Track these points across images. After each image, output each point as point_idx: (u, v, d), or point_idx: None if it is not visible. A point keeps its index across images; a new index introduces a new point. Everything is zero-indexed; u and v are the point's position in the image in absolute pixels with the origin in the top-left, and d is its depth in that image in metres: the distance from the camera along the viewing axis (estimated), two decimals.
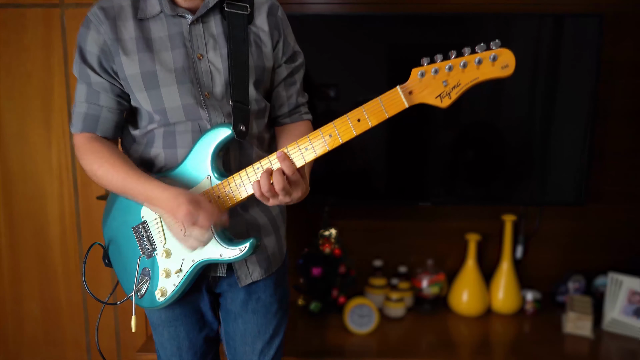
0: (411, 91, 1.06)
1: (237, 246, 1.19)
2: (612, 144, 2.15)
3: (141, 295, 1.29)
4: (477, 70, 1.02)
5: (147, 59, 1.19)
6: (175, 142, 1.24)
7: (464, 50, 1.03)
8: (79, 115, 1.26)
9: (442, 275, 2.20)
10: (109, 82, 1.23)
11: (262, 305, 1.37)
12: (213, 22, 1.23)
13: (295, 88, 1.36)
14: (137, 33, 1.20)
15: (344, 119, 1.10)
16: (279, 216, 1.39)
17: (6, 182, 2.16)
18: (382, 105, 1.07)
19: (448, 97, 1.04)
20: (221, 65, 1.22)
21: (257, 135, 1.29)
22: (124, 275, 1.33)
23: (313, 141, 1.12)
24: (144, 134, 1.27)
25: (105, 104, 1.24)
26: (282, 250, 1.40)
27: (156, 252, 1.26)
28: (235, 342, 1.39)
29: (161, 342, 1.40)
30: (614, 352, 1.94)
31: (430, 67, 1.04)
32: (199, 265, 1.24)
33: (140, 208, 1.27)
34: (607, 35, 2.01)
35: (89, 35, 1.21)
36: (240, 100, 1.22)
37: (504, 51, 1.01)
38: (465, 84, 1.03)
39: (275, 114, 1.36)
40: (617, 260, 2.21)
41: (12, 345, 2.27)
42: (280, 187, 1.11)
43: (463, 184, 2.15)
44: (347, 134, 1.10)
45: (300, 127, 1.36)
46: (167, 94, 1.20)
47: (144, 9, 1.21)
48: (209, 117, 1.21)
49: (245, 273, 1.32)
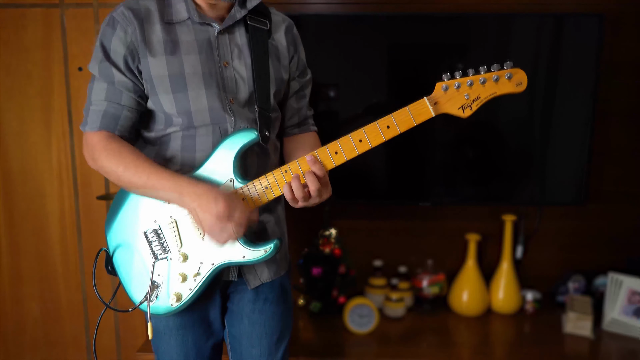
0: (436, 102, 1.19)
1: (262, 247, 1.22)
2: (612, 144, 2.15)
3: (151, 302, 1.27)
4: (495, 86, 1.18)
5: (174, 61, 1.22)
6: (194, 146, 1.25)
7: (480, 69, 1.18)
8: (96, 114, 1.24)
9: (442, 275, 2.20)
10: (133, 82, 1.23)
11: (270, 306, 1.37)
12: (238, 33, 1.28)
13: (305, 101, 1.44)
14: (164, 36, 1.22)
15: (374, 126, 1.20)
16: (284, 220, 1.41)
17: (6, 182, 2.16)
18: (411, 114, 1.19)
19: (469, 108, 1.19)
20: (245, 73, 1.27)
21: (274, 142, 1.35)
22: (132, 281, 1.30)
23: (343, 146, 1.20)
24: (158, 137, 1.28)
25: (127, 103, 1.24)
26: (287, 253, 1.44)
27: (170, 256, 1.25)
28: (241, 345, 1.38)
29: (166, 350, 1.37)
30: (614, 352, 1.94)
31: (452, 82, 1.18)
32: (219, 267, 1.24)
33: (151, 212, 1.26)
34: (607, 35, 2.01)
35: (115, 34, 1.21)
36: (264, 107, 1.28)
37: (518, 71, 1.17)
38: (485, 97, 1.19)
39: (286, 124, 1.42)
40: (617, 260, 2.21)
41: (12, 345, 2.27)
42: (315, 187, 1.19)
43: (463, 184, 2.15)
44: (377, 140, 1.21)
45: (309, 137, 1.44)
46: (195, 96, 1.23)
47: (170, 13, 1.24)
48: (234, 121, 1.25)
49: (253, 275, 1.33)
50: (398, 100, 1.91)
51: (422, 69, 2.02)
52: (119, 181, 1.24)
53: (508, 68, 1.16)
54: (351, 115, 2.06)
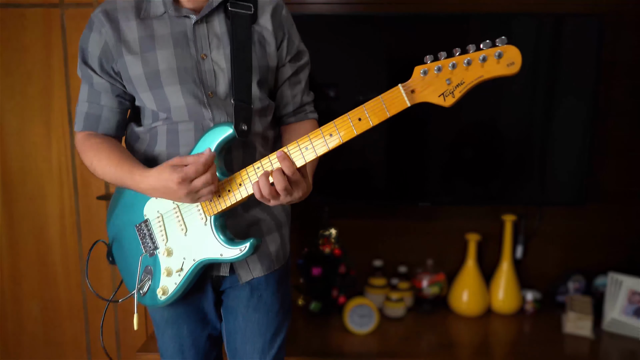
0: (413, 89, 1.03)
1: (238, 246, 1.20)
2: (612, 143, 2.15)
3: (143, 294, 1.29)
4: (481, 68, 0.98)
5: (149, 58, 1.20)
6: (178, 141, 1.25)
7: (468, 47, 0.99)
8: (80, 114, 1.30)
9: (442, 275, 2.20)
10: (110, 83, 1.25)
11: (264, 304, 1.36)
12: (217, 21, 1.23)
13: (300, 87, 1.36)
14: (140, 33, 1.21)
15: (345, 118, 1.08)
16: (282, 215, 1.38)
17: (6, 182, 2.16)
18: (384, 104, 1.05)
19: (452, 95, 1.01)
20: (225, 64, 1.23)
21: (261, 134, 1.29)
22: (127, 273, 1.34)
23: (314, 140, 1.10)
24: (147, 131, 1.28)
25: (106, 103, 1.28)
26: (285, 249, 1.40)
27: (158, 250, 1.27)
28: (236, 341, 1.39)
29: (164, 341, 1.41)
30: (614, 352, 1.94)
31: (433, 64, 1.01)
32: (200, 264, 1.24)
33: (142, 206, 1.28)
34: (607, 35, 2.01)
35: (91, 36, 1.23)
36: (242, 99, 1.22)
37: (509, 48, 0.97)
38: (470, 82, 0.99)
39: (280, 113, 1.37)
40: (617, 260, 2.21)
41: (12, 345, 2.27)
42: (282, 187, 1.10)
43: (463, 184, 2.14)
44: (348, 134, 1.08)
45: (306, 125, 1.37)
46: (171, 93, 1.21)
47: (147, 9, 1.22)
48: (212, 116, 1.22)
49: (245, 270, 1.32)
50: None
51: None
52: (96, 174, 1.27)
53: (501, 45, 0.97)
54: None
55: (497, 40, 0.98)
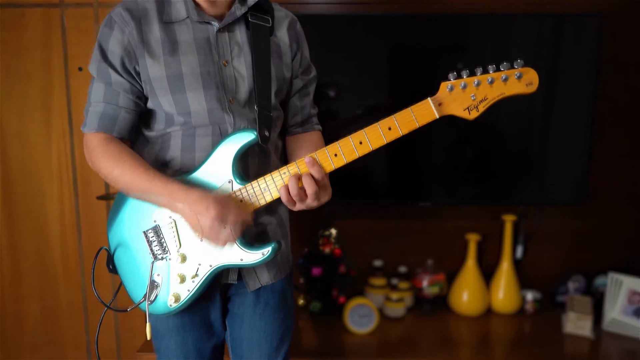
0: (441, 103, 1.13)
1: (259, 250, 1.21)
2: (612, 143, 2.15)
3: (150, 302, 1.26)
4: (503, 86, 1.11)
5: (173, 62, 1.20)
6: (194, 145, 1.24)
7: (488, 67, 1.11)
8: (95, 115, 1.24)
9: (442, 275, 2.20)
10: (130, 83, 1.23)
11: (270, 311, 1.36)
12: (238, 31, 1.26)
13: (308, 99, 1.41)
14: (162, 36, 1.21)
15: (375, 127, 1.16)
16: (287, 222, 1.39)
17: (6, 181, 2.16)
18: (413, 115, 1.14)
19: (476, 109, 1.13)
20: (245, 72, 1.25)
21: (275, 142, 1.33)
22: (132, 280, 1.30)
23: (343, 148, 1.17)
24: (159, 136, 1.27)
25: (124, 104, 1.24)
26: (289, 256, 1.41)
27: (169, 256, 1.25)
28: (242, 348, 1.38)
29: (167, 351, 1.37)
30: (614, 352, 1.94)
31: (458, 81, 1.12)
32: (217, 270, 1.23)
33: (152, 212, 1.25)
34: (607, 35, 2.01)
35: (113, 35, 1.21)
36: (264, 106, 1.25)
37: (528, 70, 1.10)
38: (492, 98, 1.12)
39: (288, 123, 1.40)
40: (617, 260, 2.21)
41: (12, 345, 2.27)
42: (312, 191, 1.16)
43: (463, 184, 2.15)
44: (378, 142, 1.16)
45: (313, 136, 1.41)
46: (193, 97, 1.21)
47: (169, 12, 1.22)
48: (233, 121, 1.23)
49: (253, 278, 1.32)
50: (398, 100, 1.92)
51: (422, 69, 2.02)
52: (115, 184, 1.23)
53: (518, 67, 1.10)
54: (351, 116, 2.06)
55: (515, 63, 1.11)
